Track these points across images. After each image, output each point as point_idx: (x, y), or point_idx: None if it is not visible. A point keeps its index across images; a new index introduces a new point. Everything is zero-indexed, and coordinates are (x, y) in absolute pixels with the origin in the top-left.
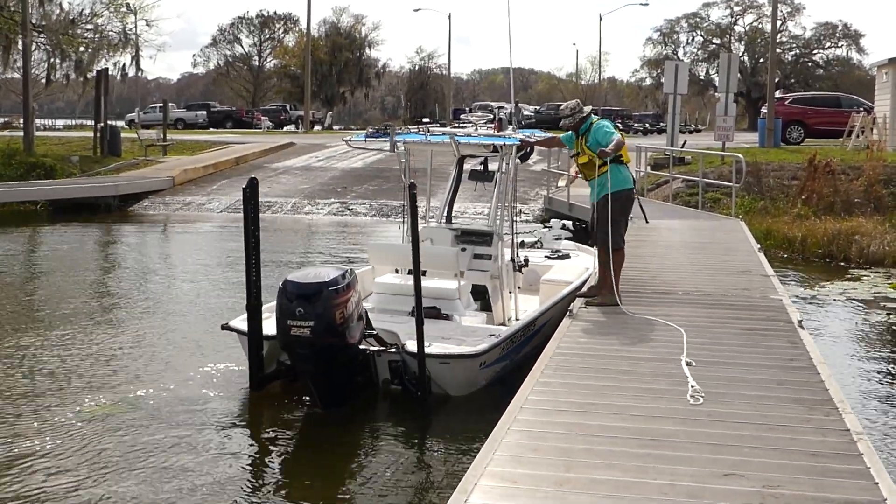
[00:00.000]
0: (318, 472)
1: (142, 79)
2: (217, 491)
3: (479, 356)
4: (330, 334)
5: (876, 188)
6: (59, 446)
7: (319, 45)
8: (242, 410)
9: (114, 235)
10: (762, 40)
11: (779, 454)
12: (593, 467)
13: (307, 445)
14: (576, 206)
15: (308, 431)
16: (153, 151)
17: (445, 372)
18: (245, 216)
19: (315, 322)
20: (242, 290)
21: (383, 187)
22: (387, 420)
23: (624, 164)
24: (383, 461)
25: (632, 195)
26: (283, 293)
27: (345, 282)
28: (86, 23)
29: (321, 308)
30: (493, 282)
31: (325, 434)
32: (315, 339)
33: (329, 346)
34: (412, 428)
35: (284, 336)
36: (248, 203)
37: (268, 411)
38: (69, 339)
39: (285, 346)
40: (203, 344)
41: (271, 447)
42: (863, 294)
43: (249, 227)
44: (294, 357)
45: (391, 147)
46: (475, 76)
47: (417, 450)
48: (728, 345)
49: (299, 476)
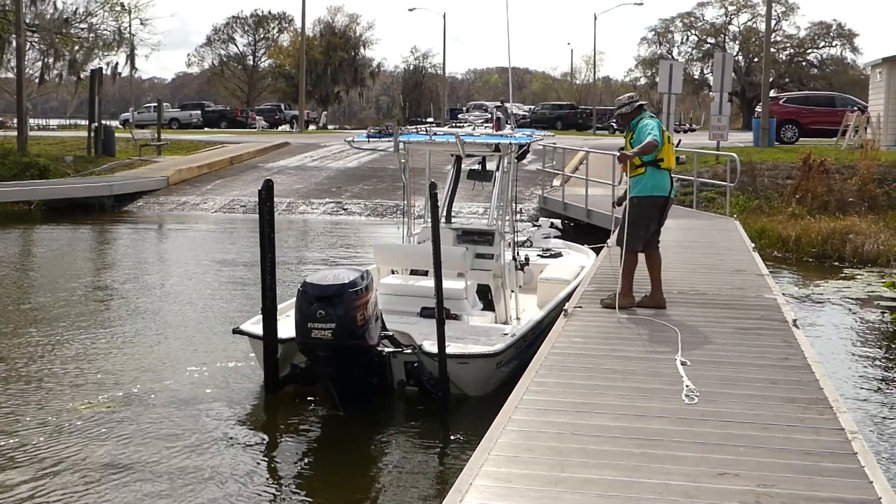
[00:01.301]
0: (334, 471)
1: (136, 78)
2: (226, 493)
3: (498, 356)
4: (351, 336)
5: (870, 187)
6: (76, 450)
7: (314, 45)
8: (258, 413)
9: (108, 236)
10: (756, 40)
11: (773, 453)
12: (588, 467)
13: (321, 448)
14: (570, 205)
15: (323, 433)
16: (147, 151)
17: (464, 372)
18: (261, 218)
19: (337, 324)
20: (241, 292)
21: (378, 187)
22: (404, 421)
23: (662, 170)
24: (395, 462)
25: (658, 202)
26: (303, 296)
27: (364, 283)
28: (80, 22)
29: (342, 310)
30: (495, 281)
31: (340, 435)
32: (337, 342)
33: (351, 347)
34: (427, 428)
35: (305, 339)
36: (263, 205)
37: (281, 414)
38: (69, 341)
39: (305, 349)
40: (211, 347)
41: (282, 450)
42: (857, 293)
43: (265, 229)
44: (315, 360)
45: (395, 147)
46: (470, 76)
47: (427, 450)
48: (722, 344)
49: (311, 478)
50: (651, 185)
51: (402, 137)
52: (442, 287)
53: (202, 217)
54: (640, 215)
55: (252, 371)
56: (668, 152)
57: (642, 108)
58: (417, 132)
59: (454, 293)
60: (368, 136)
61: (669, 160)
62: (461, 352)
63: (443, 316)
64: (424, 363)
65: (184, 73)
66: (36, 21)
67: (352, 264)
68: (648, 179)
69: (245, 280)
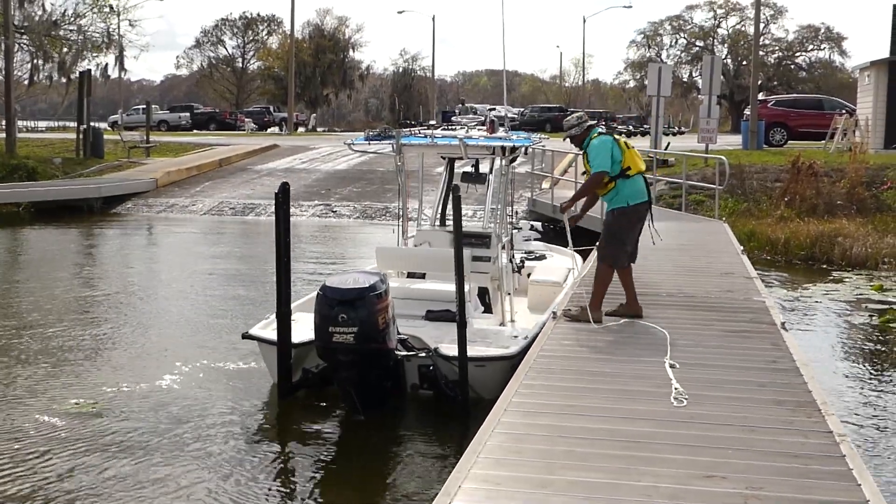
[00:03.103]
0: (353, 475)
1: (125, 80)
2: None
3: (514, 358)
4: (374, 340)
5: (858, 190)
6: (86, 456)
7: (303, 47)
8: (270, 418)
9: (97, 238)
10: (745, 43)
11: (761, 456)
12: (576, 469)
13: (338, 452)
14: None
15: (341, 437)
16: (136, 153)
17: (481, 374)
18: (277, 222)
19: (359, 328)
20: (236, 294)
21: (367, 189)
22: (418, 425)
23: (630, 178)
24: (411, 466)
25: (640, 209)
26: (323, 300)
27: (384, 287)
28: (69, 24)
29: (364, 313)
30: (493, 283)
31: (358, 440)
32: (359, 346)
33: (373, 351)
34: (445, 431)
35: (326, 343)
36: (279, 208)
37: (296, 419)
38: (69, 343)
39: (325, 353)
40: (215, 352)
41: (296, 454)
42: (845, 296)
43: (281, 233)
44: (335, 364)
45: (396, 150)
46: (459, 78)
47: (437, 453)
48: (711, 347)
49: (327, 482)
50: (626, 194)
51: (404, 140)
52: (464, 291)
53: (191, 219)
54: (621, 228)
55: (263, 376)
56: (631, 158)
57: (592, 128)
58: (413, 134)
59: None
60: (369, 139)
61: (636, 164)
62: (480, 354)
63: (464, 319)
64: (440, 366)
65: (172, 75)
66: (25, 23)
67: (351, 267)
68: (623, 189)
69: (239, 283)
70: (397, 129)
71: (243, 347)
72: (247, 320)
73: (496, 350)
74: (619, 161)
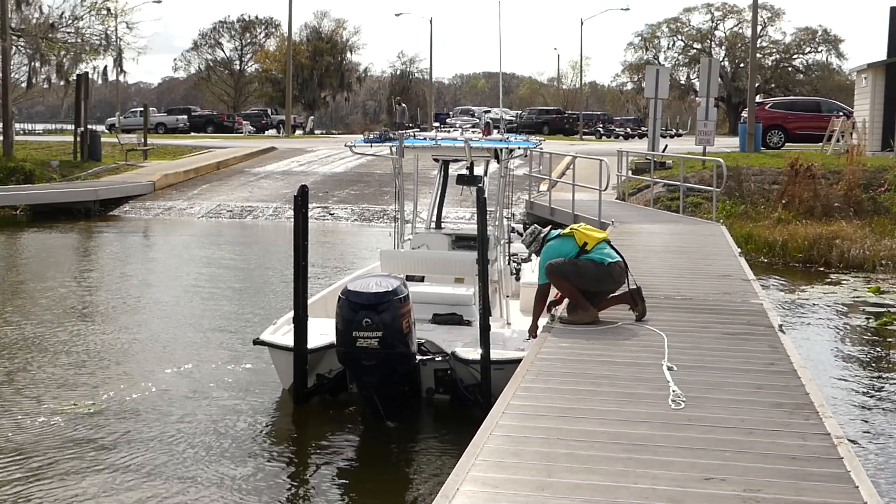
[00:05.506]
0: (373, 480)
1: (122, 83)
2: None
3: None
4: (398, 344)
5: (856, 192)
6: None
7: (301, 50)
8: (286, 424)
9: (94, 241)
10: (742, 45)
11: (759, 458)
12: (574, 472)
13: (358, 457)
14: (557, 210)
15: (361, 442)
16: (134, 156)
17: (500, 377)
18: (295, 225)
19: (384, 332)
20: (240, 298)
21: (365, 192)
22: (429, 430)
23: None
24: (416, 468)
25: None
26: (346, 304)
27: (406, 291)
28: (66, 26)
29: (389, 318)
30: (492, 285)
31: (378, 445)
32: (384, 350)
33: (397, 356)
34: (446, 435)
35: (349, 347)
36: (298, 211)
37: (311, 424)
38: (69, 347)
39: (347, 358)
40: (224, 357)
41: (311, 460)
42: (843, 298)
43: (299, 236)
44: (358, 369)
45: (400, 153)
46: (456, 80)
47: (439, 455)
48: (709, 349)
49: (344, 486)
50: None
51: (408, 142)
52: (488, 293)
53: (188, 222)
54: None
55: (275, 381)
56: (583, 234)
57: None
58: (414, 136)
59: (464, 299)
60: (370, 142)
61: (591, 236)
62: (500, 357)
63: (488, 323)
64: (458, 370)
65: (170, 78)
66: (22, 25)
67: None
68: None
69: (239, 287)
70: (398, 132)
71: (243, 350)
72: (247, 322)
73: (514, 353)
74: (573, 251)
